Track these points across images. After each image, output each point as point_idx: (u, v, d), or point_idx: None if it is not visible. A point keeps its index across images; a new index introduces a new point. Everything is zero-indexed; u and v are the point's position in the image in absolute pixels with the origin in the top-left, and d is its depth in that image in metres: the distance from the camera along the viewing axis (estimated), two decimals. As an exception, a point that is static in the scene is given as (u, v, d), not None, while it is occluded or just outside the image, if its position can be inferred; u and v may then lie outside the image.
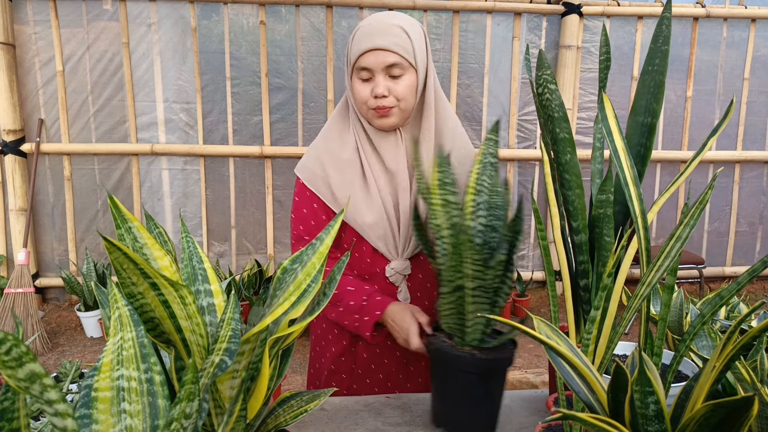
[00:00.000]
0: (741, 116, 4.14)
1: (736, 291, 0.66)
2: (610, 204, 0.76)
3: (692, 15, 3.96)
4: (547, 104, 0.80)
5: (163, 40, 3.66)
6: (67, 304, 3.89)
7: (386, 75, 1.12)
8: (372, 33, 1.10)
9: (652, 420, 0.55)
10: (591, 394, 0.62)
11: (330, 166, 1.20)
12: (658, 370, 0.69)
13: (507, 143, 4.01)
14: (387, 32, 1.10)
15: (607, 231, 0.77)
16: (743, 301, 1.42)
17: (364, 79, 1.13)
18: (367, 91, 1.13)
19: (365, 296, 1.17)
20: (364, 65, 1.11)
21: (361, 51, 1.10)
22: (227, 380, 0.61)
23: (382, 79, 1.11)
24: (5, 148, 3.61)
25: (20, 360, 0.42)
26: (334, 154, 1.21)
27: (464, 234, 0.91)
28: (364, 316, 1.16)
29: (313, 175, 1.22)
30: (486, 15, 3.84)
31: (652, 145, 0.78)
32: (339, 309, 1.19)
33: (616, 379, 0.56)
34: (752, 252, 4.38)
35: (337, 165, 1.20)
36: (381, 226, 1.19)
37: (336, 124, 1.24)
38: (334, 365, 1.28)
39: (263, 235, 3.95)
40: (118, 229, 0.61)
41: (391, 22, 1.11)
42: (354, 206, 1.18)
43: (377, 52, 1.10)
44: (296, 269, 0.70)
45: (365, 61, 1.11)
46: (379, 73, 1.11)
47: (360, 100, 1.14)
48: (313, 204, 1.23)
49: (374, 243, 1.20)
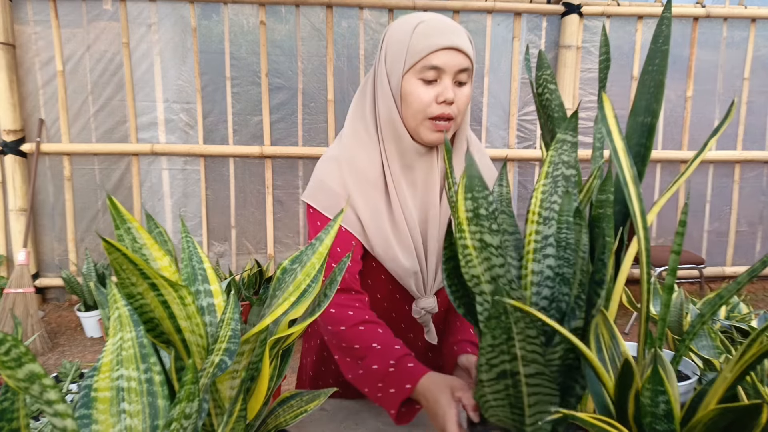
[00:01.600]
0: (741, 116, 4.14)
1: (736, 291, 0.66)
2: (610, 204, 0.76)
3: (692, 15, 3.96)
4: (547, 104, 0.80)
5: (163, 40, 3.66)
6: (67, 304, 3.89)
7: (454, 81, 0.97)
8: (445, 30, 0.95)
9: (662, 419, 0.55)
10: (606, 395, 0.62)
11: (354, 191, 1.02)
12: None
13: (507, 143, 4.01)
14: (460, 32, 0.96)
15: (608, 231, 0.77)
16: (743, 301, 1.42)
17: (428, 81, 0.96)
18: (431, 95, 0.96)
19: (393, 360, 0.91)
20: (436, 64, 0.95)
21: (434, 47, 0.94)
22: (227, 380, 0.61)
23: (451, 83, 0.96)
24: (5, 148, 3.61)
25: (20, 360, 0.42)
26: (356, 174, 1.02)
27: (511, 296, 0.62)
28: (390, 387, 0.90)
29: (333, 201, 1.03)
30: (486, 15, 3.84)
31: (652, 145, 0.78)
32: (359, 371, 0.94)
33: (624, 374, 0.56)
34: (752, 252, 4.38)
35: (361, 188, 1.02)
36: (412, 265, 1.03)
37: (353, 140, 1.05)
38: (313, 371, 1.20)
39: (263, 235, 3.95)
40: (117, 230, 0.61)
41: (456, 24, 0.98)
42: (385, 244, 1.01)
43: (455, 52, 0.95)
44: (296, 269, 0.70)
45: (438, 59, 0.94)
46: (448, 76, 0.96)
47: (420, 105, 0.96)
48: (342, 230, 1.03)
49: (404, 282, 1.05)
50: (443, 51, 0.94)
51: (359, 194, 1.01)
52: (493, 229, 0.64)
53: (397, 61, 0.98)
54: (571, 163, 0.68)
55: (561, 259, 0.66)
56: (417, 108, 0.97)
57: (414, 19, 0.98)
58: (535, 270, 0.67)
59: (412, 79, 0.97)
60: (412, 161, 1.02)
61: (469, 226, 0.64)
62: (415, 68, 0.96)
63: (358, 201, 1.01)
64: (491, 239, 0.63)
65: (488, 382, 0.65)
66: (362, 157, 1.03)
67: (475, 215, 0.64)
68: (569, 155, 0.69)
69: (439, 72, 0.96)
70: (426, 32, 0.95)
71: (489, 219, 0.64)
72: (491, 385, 0.65)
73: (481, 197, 0.64)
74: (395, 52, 0.99)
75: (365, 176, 1.02)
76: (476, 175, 0.64)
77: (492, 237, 0.63)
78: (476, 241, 0.64)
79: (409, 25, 0.97)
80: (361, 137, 1.04)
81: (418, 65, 0.96)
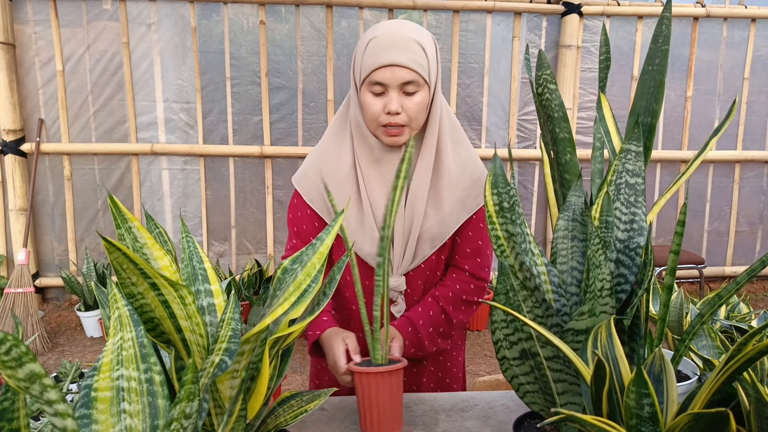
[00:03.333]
0: (741, 116, 4.14)
1: (735, 291, 0.66)
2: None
3: (692, 15, 3.96)
4: (547, 104, 0.80)
5: (163, 40, 3.66)
6: (67, 304, 3.89)
7: (400, 91, 1.07)
8: (388, 47, 1.05)
9: (647, 421, 0.56)
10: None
11: (328, 181, 1.18)
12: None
13: (507, 143, 4.01)
14: (404, 47, 1.06)
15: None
16: (743, 301, 1.42)
17: (376, 94, 1.08)
18: (379, 106, 1.08)
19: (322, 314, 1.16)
20: (378, 80, 1.06)
21: (376, 65, 1.06)
22: (227, 380, 0.61)
23: (396, 96, 1.07)
24: (5, 147, 3.61)
25: (20, 360, 0.42)
26: (331, 170, 1.18)
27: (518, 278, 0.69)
28: (309, 330, 1.16)
29: (312, 189, 1.21)
30: (486, 15, 3.83)
31: (652, 145, 0.78)
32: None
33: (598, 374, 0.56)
34: (752, 252, 4.38)
35: (334, 183, 1.18)
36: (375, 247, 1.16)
37: (334, 136, 1.21)
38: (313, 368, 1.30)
39: (263, 235, 3.95)
40: (118, 229, 0.61)
41: (408, 36, 1.06)
42: (350, 232, 1.16)
43: (394, 68, 1.05)
44: (296, 269, 0.70)
45: (380, 75, 1.06)
46: (393, 90, 1.07)
47: (371, 115, 1.10)
48: (307, 211, 1.22)
49: (370, 263, 1.19)
50: (384, 68, 1.06)
51: (331, 184, 1.17)
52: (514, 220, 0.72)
53: (355, 73, 1.13)
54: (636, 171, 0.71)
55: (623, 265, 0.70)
56: (370, 117, 1.11)
57: (370, 34, 1.10)
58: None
59: (365, 90, 1.10)
60: (380, 156, 1.16)
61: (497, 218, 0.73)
62: (366, 82, 1.09)
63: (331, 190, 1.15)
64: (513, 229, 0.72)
65: (514, 361, 0.71)
66: (337, 152, 1.19)
67: (500, 208, 0.73)
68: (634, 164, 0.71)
69: (384, 86, 1.07)
70: (373, 49, 1.07)
71: (510, 211, 0.73)
72: (518, 365, 0.71)
73: (504, 192, 0.73)
74: (354, 65, 1.14)
75: (337, 169, 1.18)
76: (500, 173, 0.75)
77: (514, 227, 0.72)
78: (504, 232, 0.73)
79: (365, 39, 1.10)
80: (338, 134, 1.20)
81: (367, 80, 1.08)
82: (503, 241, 0.72)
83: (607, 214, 0.70)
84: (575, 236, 0.76)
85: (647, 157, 0.80)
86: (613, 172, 0.73)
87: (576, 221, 0.76)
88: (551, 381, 0.68)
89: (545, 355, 0.67)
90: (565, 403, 0.69)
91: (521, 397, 0.74)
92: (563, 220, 0.77)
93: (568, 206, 0.77)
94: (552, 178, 0.84)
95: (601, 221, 0.71)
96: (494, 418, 1.03)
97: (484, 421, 1.02)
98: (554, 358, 0.67)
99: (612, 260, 0.71)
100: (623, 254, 0.70)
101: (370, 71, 1.07)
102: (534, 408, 0.73)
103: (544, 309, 0.68)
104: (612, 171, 0.73)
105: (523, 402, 0.75)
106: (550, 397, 0.70)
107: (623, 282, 0.70)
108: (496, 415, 1.04)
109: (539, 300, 0.67)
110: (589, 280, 0.68)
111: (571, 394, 0.68)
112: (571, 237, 0.76)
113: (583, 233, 0.75)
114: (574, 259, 0.75)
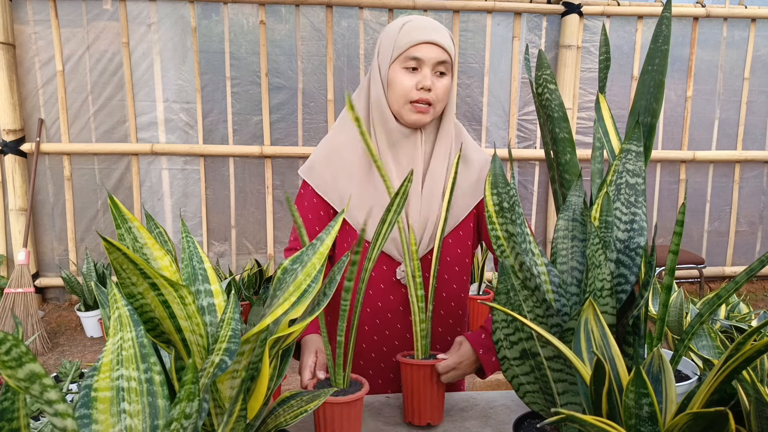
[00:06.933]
0: (741, 116, 4.14)
1: (734, 290, 0.66)
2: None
3: (692, 15, 3.96)
4: (547, 104, 0.80)
5: (163, 40, 3.66)
6: (67, 304, 3.89)
7: (433, 71, 1.13)
8: (426, 27, 1.13)
9: (646, 421, 0.55)
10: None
11: (338, 168, 1.20)
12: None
13: (507, 143, 4.01)
14: (441, 30, 1.14)
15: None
16: (743, 301, 1.42)
17: (411, 69, 1.13)
18: (411, 82, 1.13)
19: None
20: (416, 55, 1.12)
21: (415, 41, 1.12)
22: (227, 380, 0.61)
23: (430, 73, 1.13)
24: (5, 147, 3.61)
25: (20, 360, 0.42)
26: (342, 156, 1.21)
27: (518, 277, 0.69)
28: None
29: (322, 182, 1.22)
30: (486, 15, 3.83)
31: (652, 145, 0.78)
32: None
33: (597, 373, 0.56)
34: (752, 252, 4.38)
35: (346, 169, 1.20)
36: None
37: (349, 124, 1.23)
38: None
39: (263, 235, 3.95)
40: (118, 229, 0.61)
41: (439, 24, 1.15)
42: (365, 215, 1.18)
43: (433, 47, 1.12)
44: (296, 269, 0.70)
45: (419, 51, 1.12)
46: (427, 67, 1.13)
47: (402, 90, 1.14)
48: (313, 200, 1.23)
49: (386, 248, 1.20)
50: (423, 45, 1.12)
51: (342, 173, 1.19)
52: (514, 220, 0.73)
53: (386, 53, 1.17)
54: (636, 171, 0.70)
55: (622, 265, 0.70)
56: (399, 92, 1.14)
57: (403, 19, 1.17)
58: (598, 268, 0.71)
59: (397, 68, 1.14)
60: (397, 141, 1.19)
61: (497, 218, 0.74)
62: (399, 59, 1.14)
63: (341, 180, 1.19)
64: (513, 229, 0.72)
65: (514, 361, 0.71)
66: (350, 139, 1.21)
67: (500, 208, 0.73)
68: (634, 164, 0.71)
69: (419, 62, 1.13)
70: (409, 29, 1.14)
71: (510, 211, 0.73)
72: (519, 365, 0.70)
73: (504, 192, 0.74)
74: (385, 47, 1.18)
75: (349, 156, 1.20)
76: (500, 173, 0.76)
77: (514, 227, 0.72)
78: (504, 232, 0.73)
79: (397, 24, 1.17)
80: (351, 123, 1.22)
81: (402, 56, 1.13)
82: (503, 241, 0.73)
83: (607, 214, 0.70)
84: (575, 236, 0.76)
85: (647, 157, 0.80)
86: (613, 172, 0.73)
87: (576, 221, 0.76)
88: (551, 381, 0.68)
89: (546, 355, 0.67)
90: (566, 403, 0.69)
91: (521, 397, 0.74)
92: (563, 220, 0.77)
93: (568, 206, 0.77)
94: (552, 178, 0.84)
95: (601, 221, 0.71)
96: (494, 418, 1.03)
97: (484, 421, 1.02)
98: (555, 358, 0.67)
99: (612, 260, 0.71)
100: (623, 254, 0.70)
101: (407, 47, 1.12)
102: (534, 408, 0.73)
103: (545, 309, 0.68)
104: (612, 171, 0.73)
105: (523, 402, 0.75)
106: (551, 397, 0.70)
107: (623, 282, 0.70)
108: (496, 415, 1.04)
109: (540, 300, 0.68)
110: (588, 280, 0.68)
111: (571, 394, 0.68)
112: (571, 237, 0.76)
113: (583, 233, 0.75)
114: (575, 259, 0.75)
